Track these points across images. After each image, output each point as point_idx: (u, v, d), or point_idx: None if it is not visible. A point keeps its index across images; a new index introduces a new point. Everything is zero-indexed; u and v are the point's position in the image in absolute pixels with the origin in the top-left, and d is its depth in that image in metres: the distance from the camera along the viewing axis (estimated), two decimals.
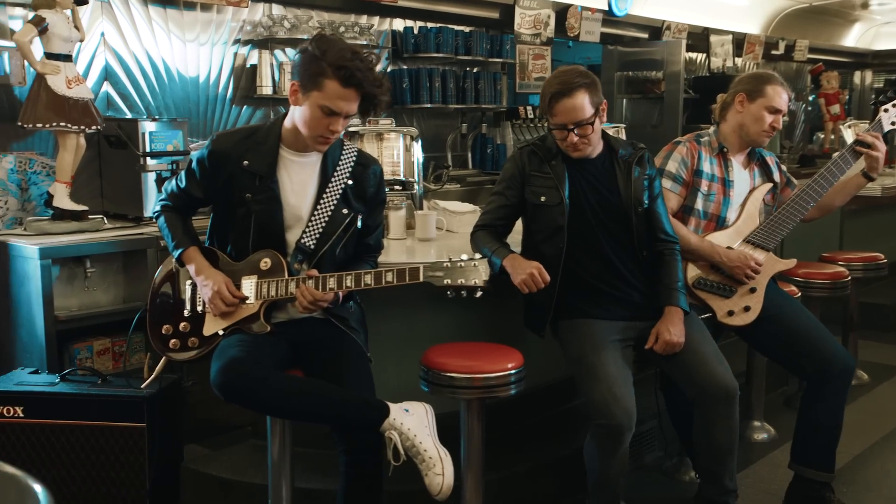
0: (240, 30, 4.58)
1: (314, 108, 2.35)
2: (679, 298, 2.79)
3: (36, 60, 3.45)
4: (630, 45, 7.46)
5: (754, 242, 3.09)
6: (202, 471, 3.07)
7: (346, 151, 2.57)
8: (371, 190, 2.58)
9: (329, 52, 2.33)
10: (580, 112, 2.68)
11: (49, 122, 3.46)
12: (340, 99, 2.34)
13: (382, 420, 2.27)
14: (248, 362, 2.29)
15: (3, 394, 2.98)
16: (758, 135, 3.08)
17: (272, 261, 2.47)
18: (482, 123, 5.97)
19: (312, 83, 2.34)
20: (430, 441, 2.29)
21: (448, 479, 2.25)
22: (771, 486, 3.35)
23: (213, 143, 2.52)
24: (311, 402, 2.29)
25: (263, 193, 2.46)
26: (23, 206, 3.72)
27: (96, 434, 2.97)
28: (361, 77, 2.32)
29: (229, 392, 2.26)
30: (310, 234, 2.48)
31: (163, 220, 2.65)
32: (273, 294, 2.43)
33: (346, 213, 2.51)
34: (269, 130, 2.51)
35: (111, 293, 3.64)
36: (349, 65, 2.30)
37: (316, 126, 2.38)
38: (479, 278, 2.32)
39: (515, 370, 2.62)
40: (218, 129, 4.52)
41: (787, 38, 9.42)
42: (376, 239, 2.66)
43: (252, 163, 2.46)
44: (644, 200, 2.81)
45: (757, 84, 3.07)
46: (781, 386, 4.54)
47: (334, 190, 2.50)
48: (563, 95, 2.68)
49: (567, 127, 2.70)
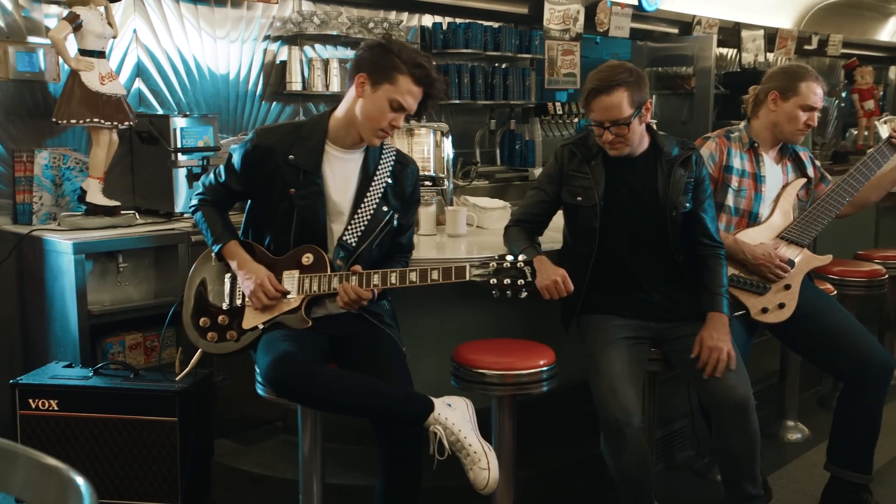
0: (269, 26, 4.59)
1: (383, 100, 2.41)
2: (722, 304, 2.73)
3: (70, 57, 3.47)
4: (660, 40, 7.39)
5: (788, 239, 3.04)
6: (233, 465, 3.08)
7: (385, 151, 2.59)
8: (408, 189, 2.60)
9: (404, 51, 2.43)
10: (617, 111, 2.63)
11: (82, 118, 3.49)
12: (410, 95, 2.42)
13: (427, 415, 2.27)
14: (299, 357, 2.31)
15: (39, 387, 3.02)
16: (792, 133, 3.03)
17: (314, 256, 2.48)
18: (511, 119, 5.93)
19: (384, 76, 2.40)
20: (474, 435, 2.29)
21: (494, 473, 2.25)
22: (806, 487, 3.30)
23: (256, 138, 2.53)
24: (359, 396, 2.30)
25: (308, 188, 2.47)
26: (56, 201, 3.75)
27: (129, 428, 3.00)
28: (433, 79, 2.43)
29: (282, 386, 2.28)
30: (352, 232, 2.50)
31: (200, 215, 2.66)
32: (315, 289, 2.44)
33: (386, 211, 2.53)
34: (316, 126, 2.53)
35: (143, 288, 3.66)
36: (426, 64, 2.42)
37: (380, 119, 2.43)
38: (525, 278, 2.33)
39: (547, 367, 2.60)
40: (247, 126, 4.53)
41: (821, 33, 9.27)
42: (408, 239, 2.66)
43: (298, 157, 2.48)
44: (683, 203, 2.75)
45: (790, 81, 3.00)
46: (815, 385, 4.48)
47: (377, 188, 2.53)
48: (601, 92, 2.64)
49: (603, 125, 2.67)
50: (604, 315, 2.77)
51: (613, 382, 2.59)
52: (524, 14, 5.92)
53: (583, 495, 3.17)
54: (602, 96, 2.64)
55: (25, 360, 3.63)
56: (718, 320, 2.70)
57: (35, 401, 3.02)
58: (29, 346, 3.66)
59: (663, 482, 3.28)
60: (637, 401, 2.61)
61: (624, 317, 2.76)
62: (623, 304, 2.78)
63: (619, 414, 2.54)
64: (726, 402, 2.62)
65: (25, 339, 3.68)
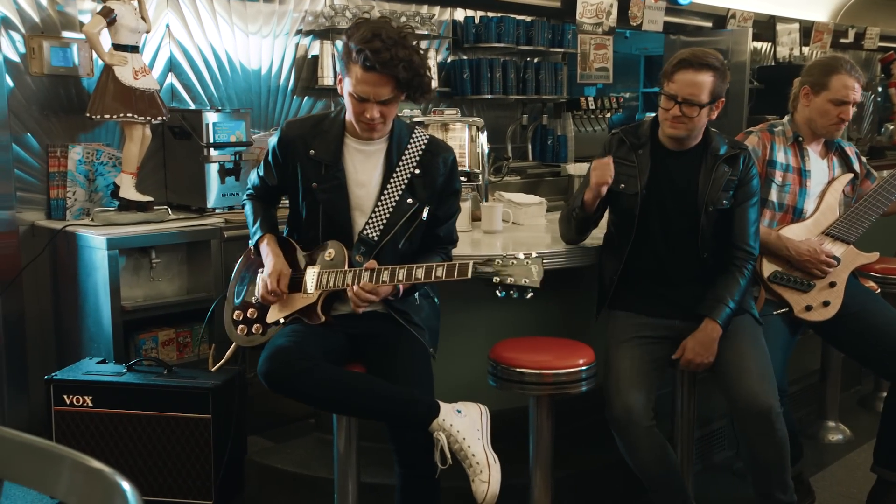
0: (301, 20, 4.56)
1: (348, 95, 2.32)
2: (722, 313, 2.62)
3: (104, 52, 3.47)
4: (693, 34, 7.27)
5: (834, 235, 2.96)
6: (266, 463, 3.06)
7: (415, 139, 2.48)
8: (440, 179, 2.48)
9: (354, 36, 2.26)
10: (697, 90, 2.58)
11: (116, 112, 3.48)
12: (364, 84, 2.26)
13: (431, 419, 2.21)
14: (294, 352, 2.26)
15: (73, 383, 3.02)
16: (825, 128, 2.94)
17: (335, 251, 2.43)
18: (542, 114, 5.87)
19: (344, 71, 2.33)
20: (480, 446, 2.21)
21: (493, 488, 2.17)
22: (850, 490, 3.22)
23: (282, 131, 2.50)
24: (356, 396, 2.25)
25: (329, 182, 2.43)
26: (90, 196, 3.75)
27: (162, 424, 2.98)
28: (376, 59, 2.20)
29: (272, 381, 2.25)
30: (373, 226, 2.43)
31: (248, 208, 2.65)
32: (331, 285, 2.38)
33: (411, 204, 2.43)
34: (335, 118, 2.47)
35: (175, 284, 3.66)
36: (367, 47, 2.21)
37: (354, 115, 2.35)
38: (531, 277, 2.17)
39: (586, 366, 2.55)
40: (279, 121, 4.51)
41: (857, 26, 9.10)
42: (447, 231, 2.56)
43: (318, 151, 2.43)
44: (722, 200, 2.68)
45: (821, 75, 2.91)
46: (855, 385, 4.38)
47: (399, 179, 2.43)
48: (691, 66, 2.59)
49: (677, 98, 2.61)
50: (628, 313, 2.73)
51: (619, 380, 2.58)
52: (557, 8, 5.85)
53: (620, 496, 3.11)
54: (690, 70, 2.59)
55: (59, 356, 3.64)
56: (711, 331, 2.62)
57: (70, 397, 3.02)
58: (62, 341, 3.67)
59: (701, 483, 3.21)
60: (640, 400, 2.55)
61: (649, 315, 2.71)
62: (650, 302, 2.72)
63: (621, 412, 2.53)
64: (749, 409, 2.54)
65: (59, 334, 3.68)
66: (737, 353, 2.61)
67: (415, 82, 2.27)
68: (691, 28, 7.25)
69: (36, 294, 3.68)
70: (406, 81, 2.26)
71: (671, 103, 2.62)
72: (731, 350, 2.62)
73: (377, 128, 2.36)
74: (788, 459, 2.62)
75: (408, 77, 2.25)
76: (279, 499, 3.02)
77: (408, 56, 2.24)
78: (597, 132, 6.20)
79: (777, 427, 2.53)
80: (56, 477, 1.01)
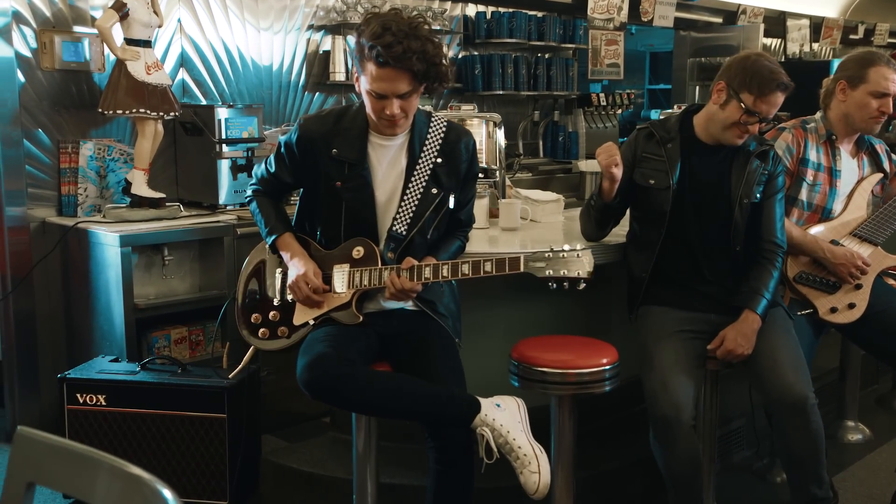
0: (313, 15, 4.52)
1: (366, 93, 2.26)
2: (761, 304, 2.62)
3: (116, 46, 3.43)
4: (703, 30, 7.23)
5: (861, 236, 2.92)
6: (282, 463, 3.02)
7: (433, 126, 2.42)
8: (463, 165, 2.44)
9: (365, 32, 2.20)
10: (776, 109, 2.62)
11: (129, 108, 3.44)
12: (380, 80, 2.19)
13: (473, 416, 2.17)
14: (335, 358, 2.21)
15: (87, 381, 2.99)
16: (865, 122, 2.90)
17: (365, 249, 2.38)
18: (554, 111, 5.82)
19: (359, 67, 2.26)
20: (524, 437, 2.18)
21: (545, 478, 2.14)
22: (873, 491, 3.18)
23: (300, 128, 2.43)
24: (399, 398, 2.20)
25: (354, 181, 2.37)
26: (101, 193, 3.71)
27: (177, 424, 2.95)
28: (388, 54, 2.13)
29: (315, 389, 2.19)
30: (401, 220, 2.38)
31: (255, 205, 2.57)
32: (366, 283, 2.34)
33: (436, 193, 2.39)
34: (356, 115, 2.40)
35: (187, 281, 3.62)
36: (378, 42, 2.14)
37: (374, 113, 2.29)
38: (583, 269, 2.20)
39: (610, 366, 2.51)
40: (290, 117, 4.47)
41: (867, 22, 9.05)
42: (467, 213, 2.54)
43: (341, 151, 2.37)
44: (755, 194, 2.67)
45: (858, 69, 2.88)
46: (872, 384, 4.33)
47: (422, 170, 2.38)
48: (784, 90, 2.59)
49: (760, 117, 2.60)
50: (663, 307, 2.69)
51: (665, 376, 2.51)
52: (568, 3, 5.80)
53: (640, 497, 3.07)
54: (781, 93, 2.59)
55: (69, 354, 3.61)
56: (751, 322, 2.60)
57: (83, 395, 2.99)
58: (73, 339, 3.63)
59: (720, 483, 3.16)
60: (689, 397, 2.51)
61: (684, 309, 2.67)
62: (684, 297, 2.69)
63: (669, 409, 2.47)
64: (784, 400, 2.51)
65: (70, 332, 3.65)
66: (770, 345, 2.59)
67: (431, 73, 2.21)
68: (701, 24, 7.20)
69: (47, 291, 3.64)
70: (422, 73, 2.20)
71: (752, 118, 2.59)
72: (765, 342, 2.59)
73: (399, 123, 2.31)
74: (824, 452, 2.59)
75: (423, 68, 2.19)
76: (294, 499, 2.98)
77: (421, 47, 2.16)
78: (607, 129, 6.15)
79: (812, 418, 2.50)
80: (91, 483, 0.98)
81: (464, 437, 2.21)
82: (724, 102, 2.63)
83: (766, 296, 2.62)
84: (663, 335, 2.60)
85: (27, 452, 1.02)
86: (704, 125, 2.72)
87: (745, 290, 2.65)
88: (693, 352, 2.61)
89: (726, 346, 2.58)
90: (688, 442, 2.49)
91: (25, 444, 1.03)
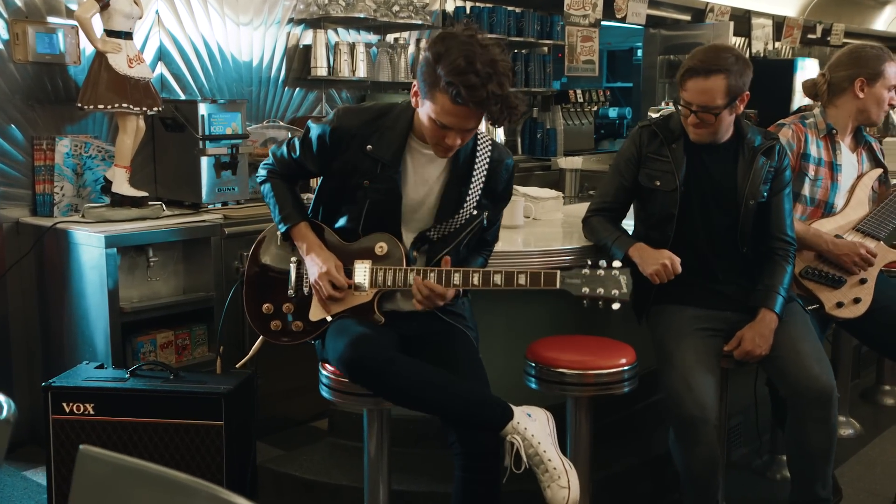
0: (293, 9, 4.39)
1: (428, 119, 2.13)
2: (777, 302, 2.59)
3: (97, 38, 3.27)
4: (672, 28, 7.26)
5: (864, 231, 2.92)
6: (282, 471, 2.91)
7: (481, 146, 2.31)
8: (501, 186, 2.36)
9: (443, 60, 2.04)
10: (709, 97, 2.50)
11: (110, 103, 3.29)
12: (451, 115, 2.07)
13: (506, 422, 2.09)
14: (379, 341, 2.14)
15: (73, 390, 2.83)
16: (878, 116, 2.94)
17: (388, 245, 2.27)
18: (532, 108, 5.78)
19: (426, 93, 2.11)
20: (554, 450, 2.10)
21: (574, 493, 2.06)
22: (873, 486, 3.20)
23: (338, 119, 2.29)
24: (437, 391, 2.11)
25: (383, 183, 2.25)
26: (78, 192, 3.55)
27: (171, 432, 2.81)
28: (470, 96, 2.01)
29: (359, 369, 2.10)
30: (439, 230, 2.28)
31: (269, 187, 2.42)
32: (389, 283, 2.24)
33: (477, 214, 2.31)
34: (400, 115, 2.27)
35: (171, 283, 3.48)
36: (459, 80, 2.01)
37: (431, 136, 2.18)
38: (620, 290, 2.13)
39: (629, 366, 2.46)
40: (270, 113, 4.34)
41: (824, 22, 9.21)
42: (493, 234, 2.46)
43: (376, 148, 2.25)
44: (762, 192, 2.64)
45: (875, 65, 2.90)
46: (854, 379, 4.37)
47: (475, 189, 2.29)
48: (698, 74, 2.50)
49: (691, 107, 2.53)
50: (678, 305, 2.64)
51: (688, 375, 2.46)
52: None
53: (648, 498, 3.04)
54: (699, 78, 2.50)
55: (46, 362, 3.44)
56: (768, 321, 2.57)
57: (69, 405, 2.82)
58: (51, 346, 3.46)
59: None
60: (713, 396, 2.47)
61: (700, 307, 2.63)
62: (698, 295, 2.65)
63: (695, 409, 2.41)
64: (809, 391, 2.49)
65: (47, 338, 3.47)
66: (791, 338, 2.56)
67: (504, 114, 2.09)
68: (670, 21, 7.24)
69: (21, 295, 3.46)
70: (496, 116, 2.09)
71: (686, 111, 2.56)
72: (786, 335, 2.57)
73: (453, 150, 2.22)
74: (834, 452, 2.58)
75: (498, 112, 2.07)
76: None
77: (502, 92, 2.04)
78: (584, 125, 6.13)
79: (833, 412, 2.50)
80: None
81: (492, 443, 2.13)
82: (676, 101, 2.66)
83: (781, 293, 2.60)
84: (683, 333, 2.56)
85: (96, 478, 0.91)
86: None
87: (759, 289, 2.62)
88: (712, 350, 2.57)
89: (744, 346, 2.55)
90: (710, 442, 2.45)
91: (93, 467, 0.92)
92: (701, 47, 2.61)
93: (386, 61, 4.68)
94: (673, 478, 2.95)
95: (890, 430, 3.79)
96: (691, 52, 2.59)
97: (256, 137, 4.08)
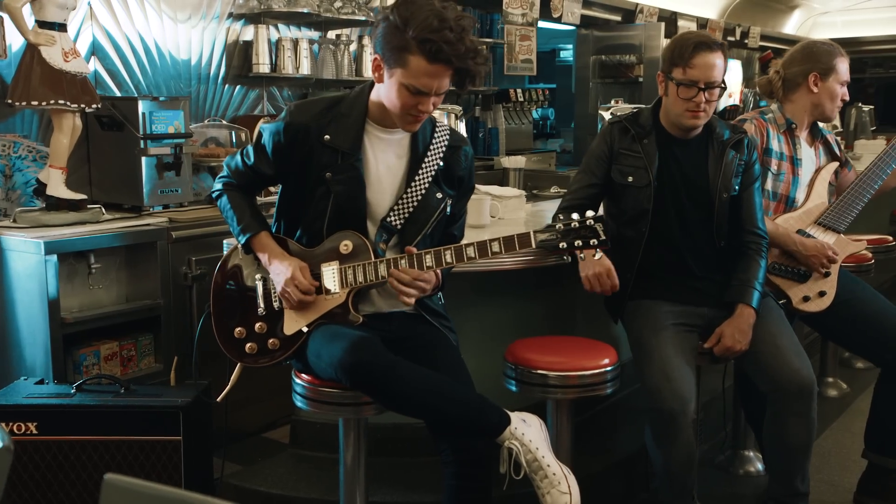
0: (233, 3, 4.21)
1: (400, 87, 2.06)
2: (753, 297, 2.59)
3: (28, 30, 3.05)
4: (603, 28, 7.32)
5: (825, 224, 2.96)
6: (245, 486, 2.77)
7: (438, 131, 2.27)
8: (461, 174, 2.31)
9: (412, 22, 2.00)
10: (718, 72, 2.52)
11: (45, 99, 3.06)
12: (428, 76, 2.03)
13: (503, 428, 2.02)
14: (377, 345, 2.04)
15: (13, 408, 2.63)
16: (832, 111, 2.98)
17: (353, 242, 2.17)
18: (475, 106, 5.72)
19: (396, 59, 2.04)
20: (552, 456, 2.05)
21: (576, 498, 2.00)
22: (831, 477, 3.24)
23: (290, 115, 2.20)
24: (437, 397, 2.03)
25: (345, 172, 2.17)
26: (7, 195, 3.30)
27: (123, 450, 2.64)
28: (450, 51, 1.99)
29: (359, 374, 1.99)
30: (397, 214, 2.20)
31: (225, 200, 2.31)
32: (361, 280, 2.14)
33: (440, 198, 2.24)
34: (354, 102, 2.21)
35: (114, 291, 3.27)
36: (435, 37, 1.98)
37: (403, 106, 2.09)
38: (598, 237, 2.06)
39: (612, 366, 2.42)
40: (210, 111, 4.16)
41: (742, 25, 9.47)
42: (460, 228, 2.39)
43: (334, 138, 2.16)
44: (733, 186, 2.64)
45: (828, 60, 2.95)
46: None
47: (427, 170, 2.22)
48: (708, 49, 2.51)
49: (699, 85, 2.51)
50: (654, 300, 2.62)
51: (667, 367, 2.43)
52: None
53: (620, 499, 3.01)
54: (708, 53, 2.51)
55: None
56: (746, 316, 2.57)
57: (9, 424, 2.62)
58: None
59: None
60: (692, 390, 2.46)
61: (677, 303, 2.61)
62: (674, 290, 2.64)
63: (674, 402, 2.39)
64: (791, 385, 2.50)
65: None
66: (769, 333, 2.57)
67: (473, 73, 2.05)
68: (601, 22, 7.29)
69: None
70: (467, 73, 2.04)
71: (693, 91, 2.52)
72: (764, 330, 2.57)
73: (422, 119, 2.14)
74: (812, 445, 2.60)
75: (472, 69, 2.03)
76: None
77: (475, 46, 2.02)
78: (523, 125, 6.11)
79: (813, 406, 2.51)
80: None
81: (485, 450, 2.05)
82: (665, 90, 2.63)
83: (757, 287, 2.60)
84: (660, 327, 2.53)
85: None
86: (666, 120, 2.68)
87: (734, 284, 2.62)
88: (689, 345, 2.56)
89: (724, 343, 2.54)
90: (688, 438, 2.43)
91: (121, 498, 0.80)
92: (683, 34, 2.61)
93: (329, 58, 4.55)
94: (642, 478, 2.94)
95: (838, 421, 3.87)
96: (679, 36, 2.60)
97: (198, 137, 3.89)
